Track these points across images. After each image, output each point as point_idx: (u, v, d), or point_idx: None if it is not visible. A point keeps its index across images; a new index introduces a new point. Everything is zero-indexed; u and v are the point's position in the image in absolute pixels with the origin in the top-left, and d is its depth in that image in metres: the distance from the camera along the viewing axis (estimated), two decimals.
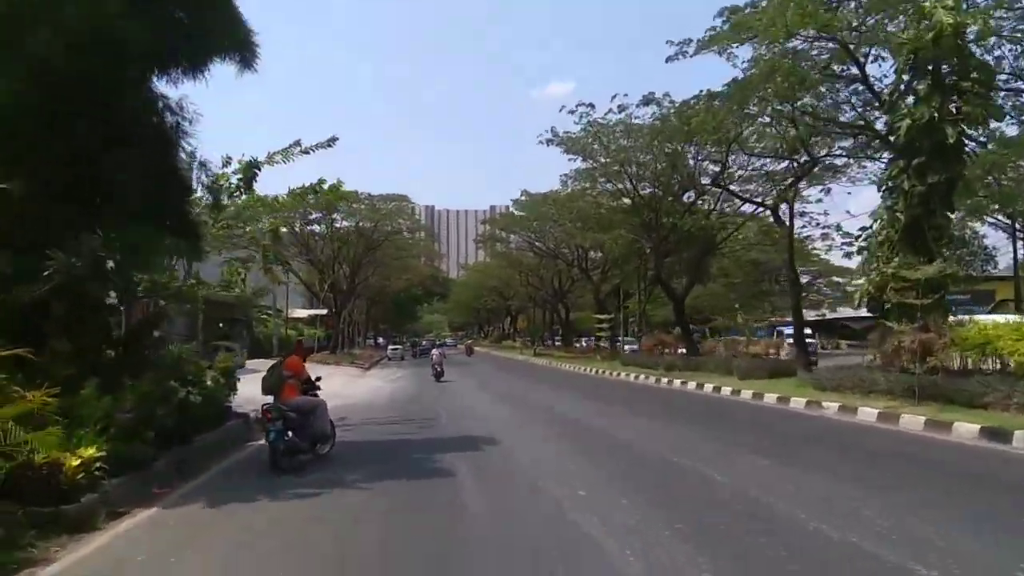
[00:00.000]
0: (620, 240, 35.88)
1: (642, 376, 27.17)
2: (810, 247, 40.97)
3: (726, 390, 20.30)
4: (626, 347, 36.36)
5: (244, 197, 15.33)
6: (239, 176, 13.99)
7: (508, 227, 49.92)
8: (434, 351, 31.00)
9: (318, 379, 10.70)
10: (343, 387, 23.96)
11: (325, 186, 17.08)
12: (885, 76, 21.77)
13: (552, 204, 40.38)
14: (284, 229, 43.45)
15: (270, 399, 9.45)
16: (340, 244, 46.46)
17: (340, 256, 46.66)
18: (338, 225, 47.20)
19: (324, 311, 52.41)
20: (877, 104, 20.83)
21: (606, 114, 29.74)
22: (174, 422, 9.12)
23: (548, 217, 42.92)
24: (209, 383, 11.32)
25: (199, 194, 12.96)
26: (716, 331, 38.87)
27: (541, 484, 7.97)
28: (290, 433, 9.17)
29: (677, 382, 23.95)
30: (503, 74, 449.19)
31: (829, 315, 56.04)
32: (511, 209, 47.90)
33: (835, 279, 52.10)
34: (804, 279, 53.80)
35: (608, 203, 35.88)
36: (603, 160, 32.31)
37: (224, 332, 33.35)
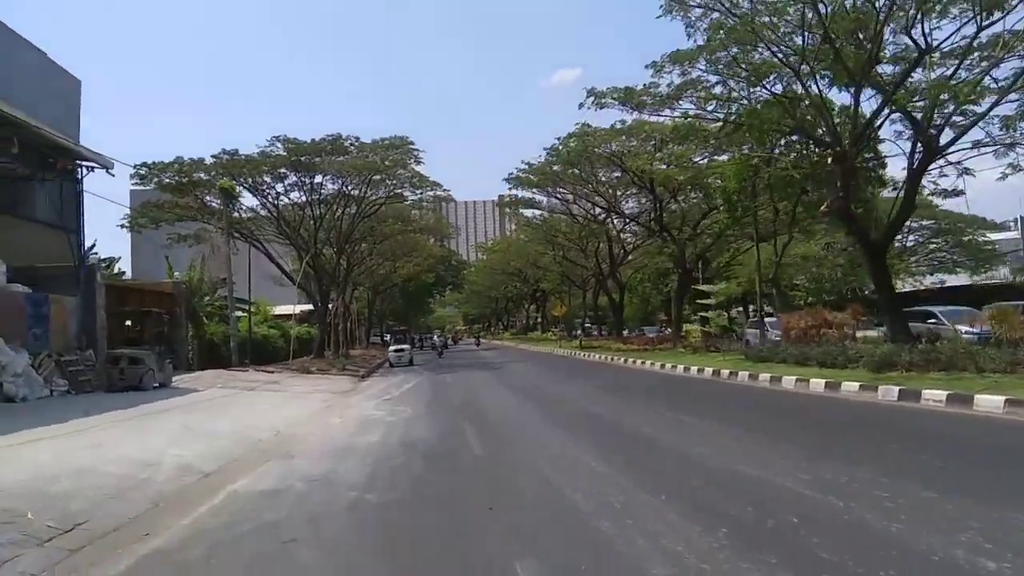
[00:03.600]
0: (744, 162, 22.76)
1: (852, 388, 15.00)
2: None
3: None
4: (767, 332, 23.48)
5: None
6: None
7: (543, 183, 38.08)
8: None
9: None
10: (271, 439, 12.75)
11: None
12: None
13: (616, 134, 28.42)
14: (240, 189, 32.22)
15: None
16: (325, 208, 35.16)
17: (323, 225, 35.43)
18: (325, 190, 35.93)
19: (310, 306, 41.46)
20: None
21: None
22: None
23: (604, 157, 30.81)
24: None
25: None
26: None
27: None
28: None
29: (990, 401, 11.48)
30: (508, 63, 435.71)
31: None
32: (546, 159, 36.12)
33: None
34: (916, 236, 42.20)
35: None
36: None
37: (136, 332, 22.08)
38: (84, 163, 21.15)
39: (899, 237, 43.64)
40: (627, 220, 37.22)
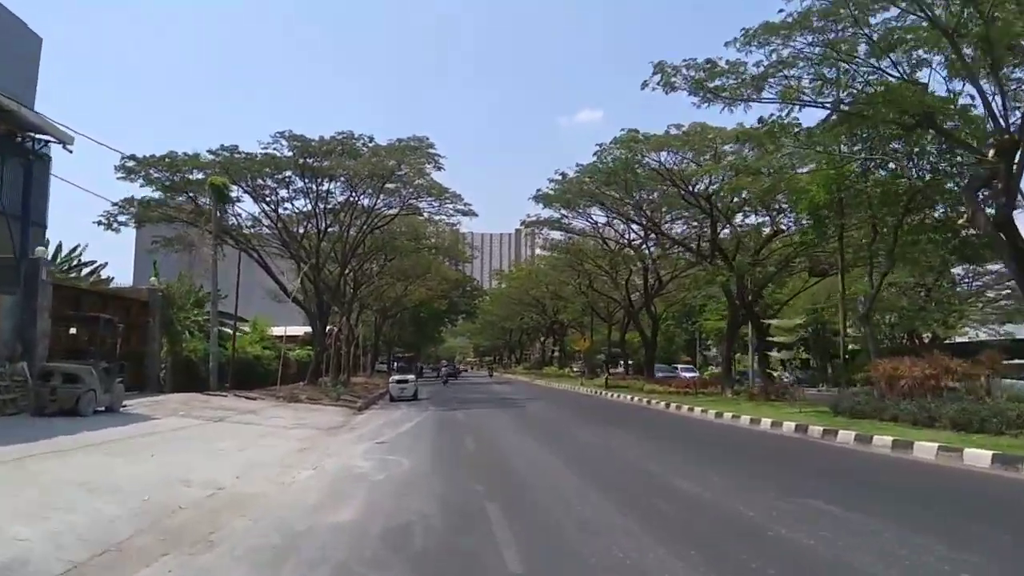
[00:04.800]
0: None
1: None
2: None
3: None
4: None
5: None
6: None
7: (574, 202, 33.73)
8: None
9: None
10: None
11: None
12: None
13: (669, 141, 24.18)
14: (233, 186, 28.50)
15: None
16: (331, 217, 31.43)
17: (327, 235, 31.64)
18: (335, 198, 32.28)
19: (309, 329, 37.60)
20: None
21: None
22: None
23: (652, 174, 26.38)
24: None
25: None
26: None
27: None
28: None
29: None
30: (529, 100, 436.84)
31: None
32: (574, 175, 31.86)
33: None
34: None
35: None
36: None
37: (84, 341, 18.09)
38: (36, 136, 17.54)
39: (965, 280, 39.28)
40: (671, 244, 32.87)
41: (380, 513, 7.74)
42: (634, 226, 35.27)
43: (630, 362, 46.58)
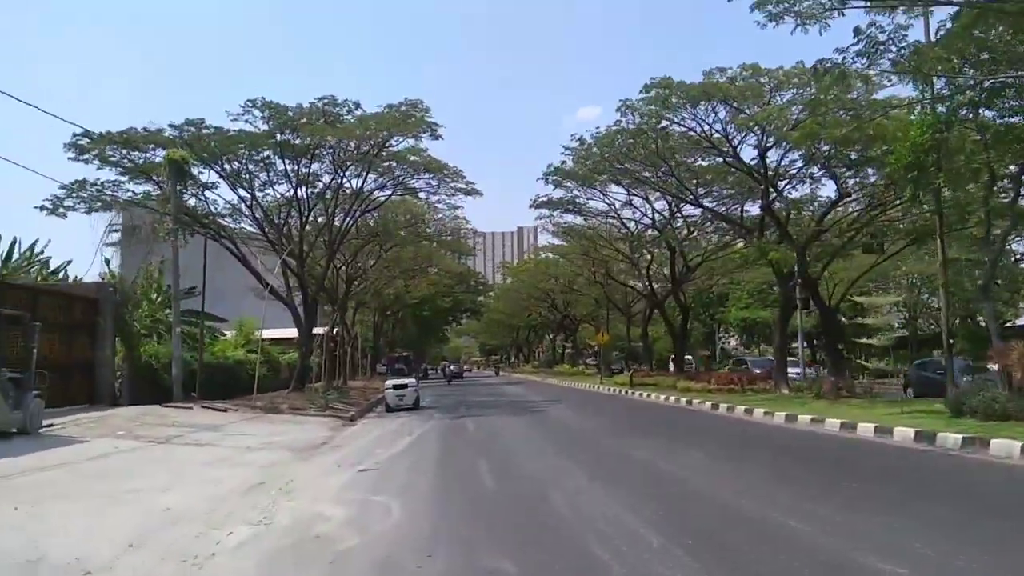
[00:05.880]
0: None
1: None
2: None
3: None
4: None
5: None
6: None
7: (589, 177, 29.44)
8: None
9: None
10: None
11: None
12: None
13: (712, 87, 19.80)
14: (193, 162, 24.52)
15: None
16: (316, 198, 27.58)
17: (311, 218, 27.84)
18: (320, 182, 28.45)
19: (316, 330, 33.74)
20: None
21: None
22: None
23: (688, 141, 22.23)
24: None
25: None
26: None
27: None
28: None
29: None
30: (529, 99, 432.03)
31: None
32: (592, 140, 27.51)
33: None
34: None
35: None
36: None
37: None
38: None
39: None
40: (710, 217, 28.64)
41: None
42: (659, 204, 31.23)
43: (651, 358, 42.55)
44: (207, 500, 8.94)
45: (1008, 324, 32.97)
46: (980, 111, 14.13)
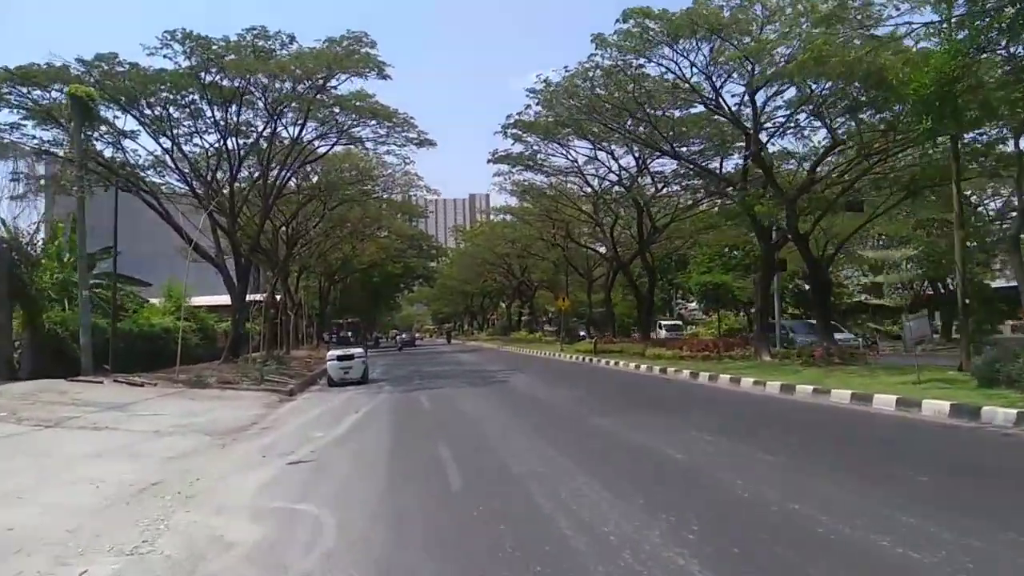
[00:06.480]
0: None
1: None
2: None
3: None
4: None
5: None
6: None
7: (553, 129, 27.15)
8: None
9: None
10: None
11: None
12: None
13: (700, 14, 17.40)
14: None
15: None
16: (247, 147, 24.58)
17: (242, 169, 24.88)
18: (253, 131, 25.40)
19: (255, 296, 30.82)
20: None
21: None
22: None
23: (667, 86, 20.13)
24: None
25: None
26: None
27: None
28: None
29: None
30: (478, 62, 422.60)
31: None
32: (561, 80, 24.76)
33: None
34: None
35: None
36: None
37: None
38: None
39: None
40: (689, 170, 26.31)
41: None
42: (624, 160, 29.08)
43: (613, 324, 40.82)
44: (73, 513, 6.60)
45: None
46: (1008, 42, 12.30)
